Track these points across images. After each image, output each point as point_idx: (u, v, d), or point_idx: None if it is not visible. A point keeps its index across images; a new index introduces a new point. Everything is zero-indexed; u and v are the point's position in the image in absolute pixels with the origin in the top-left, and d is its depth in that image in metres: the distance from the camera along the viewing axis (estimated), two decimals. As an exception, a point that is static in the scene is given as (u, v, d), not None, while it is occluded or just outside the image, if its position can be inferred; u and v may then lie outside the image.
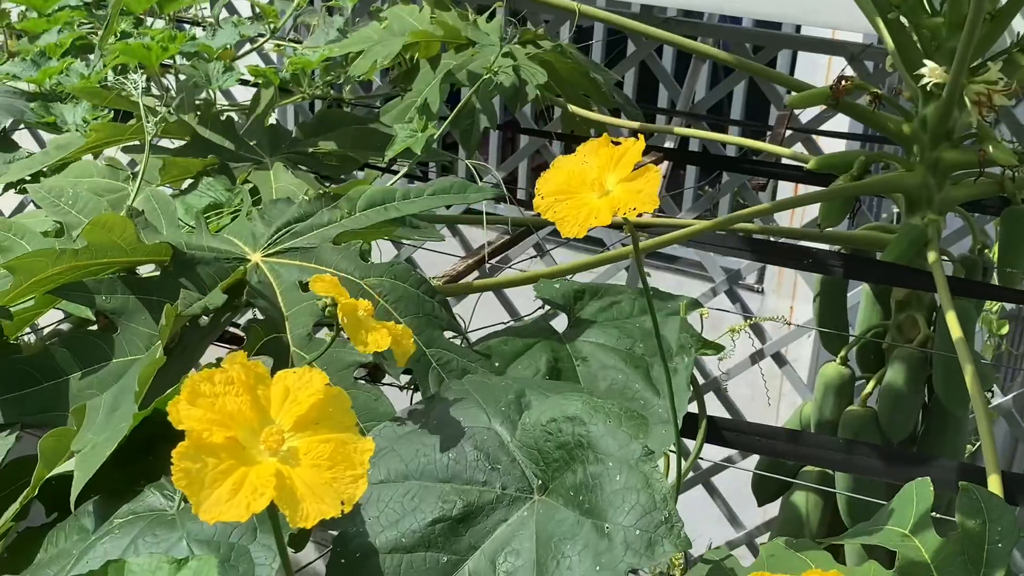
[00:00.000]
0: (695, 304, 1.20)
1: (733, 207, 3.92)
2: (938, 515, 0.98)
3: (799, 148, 2.10)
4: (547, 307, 1.24)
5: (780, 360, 2.13)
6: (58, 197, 1.16)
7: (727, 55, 1.58)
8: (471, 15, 1.94)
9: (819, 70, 2.93)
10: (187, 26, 2.40)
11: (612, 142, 0.86)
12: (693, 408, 1.14)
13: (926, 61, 1.34)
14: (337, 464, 0.61)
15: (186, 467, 0.58)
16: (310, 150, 1.50)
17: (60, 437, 0.90)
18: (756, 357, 2.13)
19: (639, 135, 0.86)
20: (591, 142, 0.86)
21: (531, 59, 1.77)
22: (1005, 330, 2.17)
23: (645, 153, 1.94)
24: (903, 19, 1.39)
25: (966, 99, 1.34)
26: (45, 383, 0.97)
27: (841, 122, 2.22)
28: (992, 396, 1.66)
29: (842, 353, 1.57)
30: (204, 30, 2.30)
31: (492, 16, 1.92)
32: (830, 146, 2.06)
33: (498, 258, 1.51)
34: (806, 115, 2.10)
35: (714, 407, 1.57)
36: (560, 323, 1.22)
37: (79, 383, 0.96)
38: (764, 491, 1.66)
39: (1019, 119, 1.94)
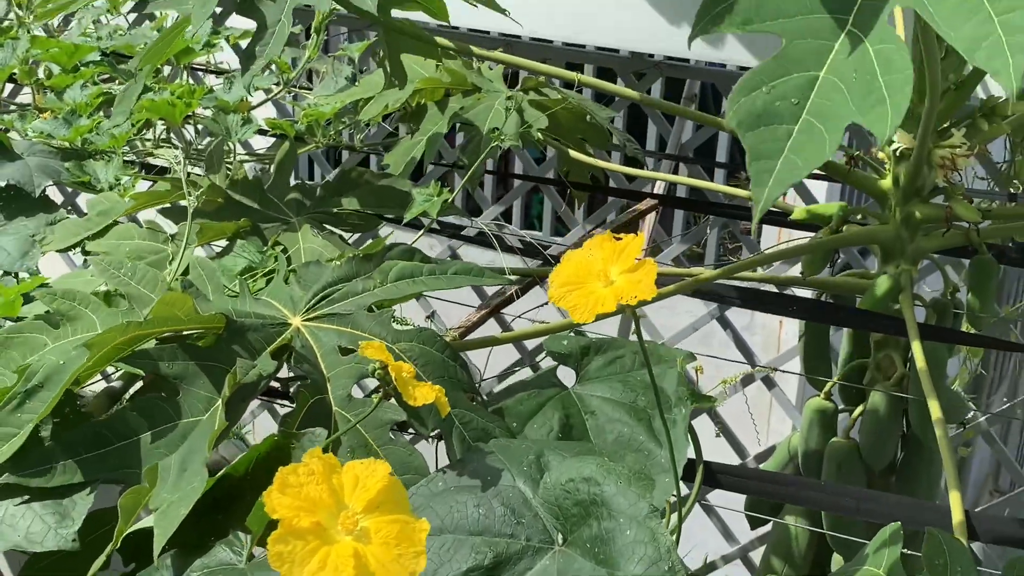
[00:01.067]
0: (691, 357, 1.33)
1: (720, 242, 4.10)
2: (908, 551, 1.12)
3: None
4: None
5: (769, 383, 2.26)
6: (117, 269, 1.29)
7: (705, 115, 1.70)
8: (475, 61, 2.06)
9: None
10: (201, 74, 2.52)
11: (614, 238, 0.99)
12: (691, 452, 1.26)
13: (897, 128, 1.47)
14: (403, 542, 0.73)
15: (279, 550, 0.70)
16: (334, 209, 1.62)
17: (137, 495, 1.03)
18: (747, 380, 2.26)
19: (639, 233, 0.98)
20: (597, 237, 0.99)
21: (532, 105, 1.89)
22: (980, 355, 2.31)
23: (639, 200, 2.08)
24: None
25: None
26: (118, 443, 1.09)
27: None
28: (964, 427, 1.79)
29: (826, 388, 1.70)
30: (218, 77, 2.42)
31: (494, 62, 2.04)
32: (813, 186, 2.20)
33: (510, 306, 1.64)
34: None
35: (704, 424, 1.69)
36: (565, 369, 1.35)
37: (149, 444, 1.09)
38: (756, 517, 1.79)
39: (992, 158, 2.07)
